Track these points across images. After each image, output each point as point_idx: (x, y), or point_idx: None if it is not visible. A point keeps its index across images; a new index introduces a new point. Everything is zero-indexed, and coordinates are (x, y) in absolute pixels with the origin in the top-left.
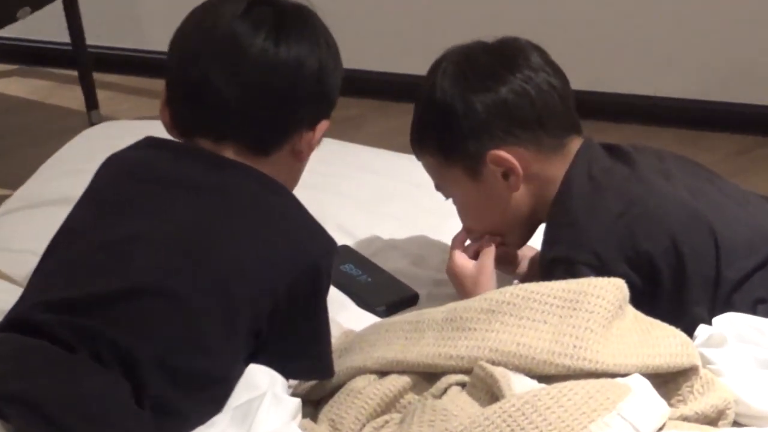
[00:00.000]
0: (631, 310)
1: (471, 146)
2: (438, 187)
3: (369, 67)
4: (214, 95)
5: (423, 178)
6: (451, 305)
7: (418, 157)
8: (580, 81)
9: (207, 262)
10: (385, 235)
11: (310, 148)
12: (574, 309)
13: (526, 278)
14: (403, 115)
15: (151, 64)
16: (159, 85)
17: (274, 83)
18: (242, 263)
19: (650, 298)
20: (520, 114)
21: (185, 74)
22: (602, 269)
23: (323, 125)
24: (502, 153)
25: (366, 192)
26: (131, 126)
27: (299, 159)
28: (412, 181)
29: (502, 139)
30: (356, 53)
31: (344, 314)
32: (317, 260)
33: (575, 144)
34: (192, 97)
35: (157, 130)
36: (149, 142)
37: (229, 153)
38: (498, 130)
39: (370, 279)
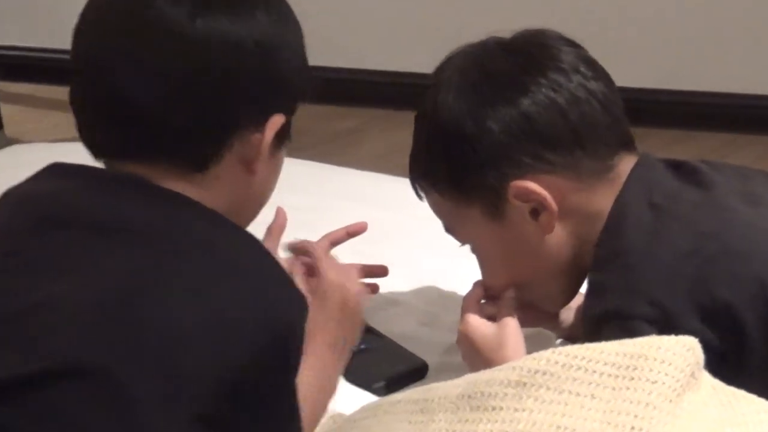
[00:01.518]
0: (707, 378)
1: (488, 177)
2: (449, 230)
3: (368, 65)
4: (120, 98)
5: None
6: (470, 377)
7: (421, 193)
8: (633, 77)
9: (142, 331)
10: (384, 287)
11: (264, 156)
12: (632, 379)
13: (572, 335)
14: (408, 126)
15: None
16: None
17: (190, 69)
18: (190, 330)
19: (733, 362)
20: (549, 131)
21: (84, 76)
22: (667, 325)
23: (276, 121)
24: (529, 184)
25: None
26: (46, 150)
27: (251, 171)
28: (420, 215)
29: (529, 166)
30: (351, 49)
31: None
32: (290, 321)
33: (627, 164)
34: (97, 105)
35: (82, 155)
36: (56, 171)
37: (155, 174)
38: (522, 154)
39: (363, 346)
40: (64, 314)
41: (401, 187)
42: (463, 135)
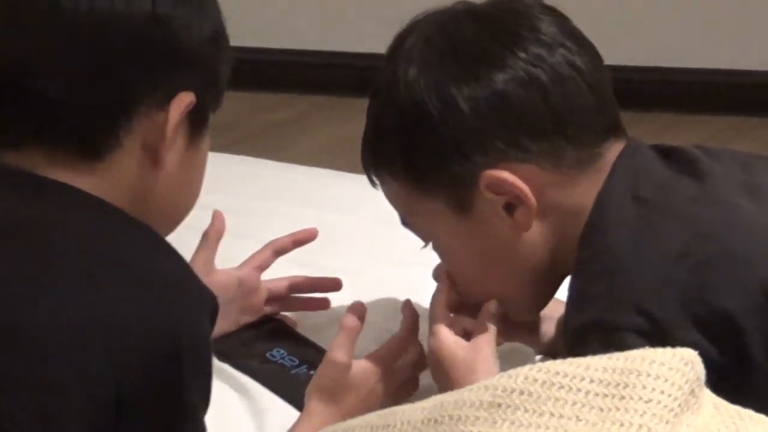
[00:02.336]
0: (708, 395)
1: (454, 165)
2: (407, 224)
3: (308, 45)
4: None
5: (392, 212)
6: (437, 399)
7: (376, 181)
8: (620, 54)
9: (17, 337)
10: (335, 300)
11: (170, 141)
12: (622, 398)
13: (553, 350)
14: (361, 115)
15: None
16: None
17: (67, 35)
18: (57, 341)
19: (735, 378)
20: (527, 114)
21: None
22: (658, 336)
23: (182, 99)
24: (504, 174)
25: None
26: None
27: (156, 161)
28: (372, 216)
29: (503, 153)
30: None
31: (272, 422)
32: (179, 326)
33: (615, 152)
34: None
35: None
36: None
37: (39, 164)
38: (495, 139)
39: (312, 371)
40: None
41: (348, 184)
42: (427, 115)
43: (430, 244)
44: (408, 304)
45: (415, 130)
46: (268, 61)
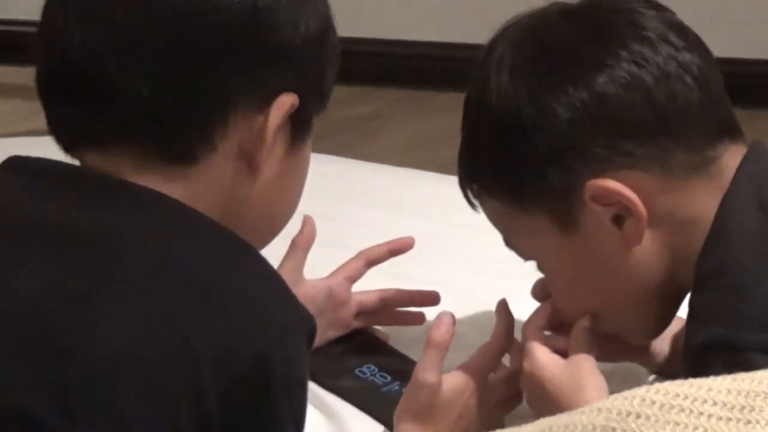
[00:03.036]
0: None
1: (554, 177)
2: (509, 243)
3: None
4: (82, 71)
5: (483, 218)
6: (544, 422)
7: (474, 200)
8: (736, 46)
9: (66, 364)
10: (429, 313)
11: (269, 145)
12: (748, 422)
13: (668, 370)
14: (445, 111)
15: (18, 42)
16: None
17: (162, 31)
18: (136, 360)
19: None
20: (630, 116)
21: (46, 51)
22: None
23: (284, 101)
24: (610, 183)
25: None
26: (13, 145)
27: (254, 167)
28: (464, 222)
29: (606, 161)
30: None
31: None
32: (265, 352)
33: (734, 157)
34: (60, 84)
35: (48, 148)
36: (10, 167)
37: (126, 168)
38: (596, 146)
39: (404, 389)
40: None
41: (434, 186)
42: (521, 125)
43: (534, 264)
44: (503, 304)
45: (509, 142)
46: (347, 52)
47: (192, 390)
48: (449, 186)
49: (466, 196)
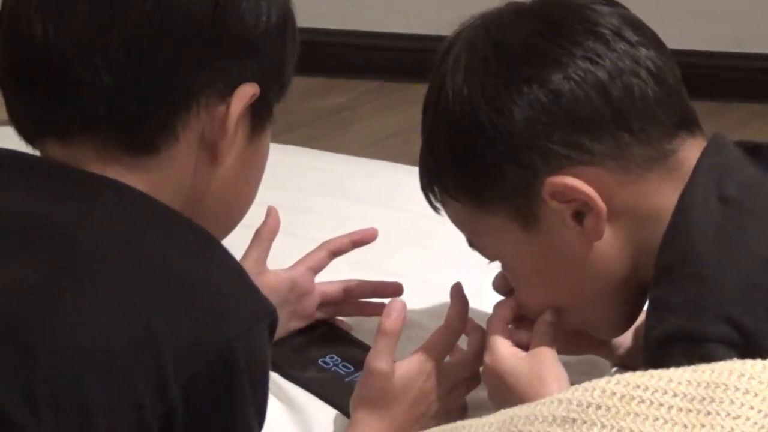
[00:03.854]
0: None
1: (513, 176)
2: (473, 245)
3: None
4: (44, 58)
5: None
6: (506, 413)
7: (437, 203)
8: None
9: (34, 359)
10: None
11: (231, 135)
12: (708, 413)
13: (629, 362)
14: (416, 103)
15: None
16: None
17: (123, 16)
18: (95, 353)
19: None
20: (586, 113)
21: (7, 40)
22: (747, 347)
23: (245, 91)
24: (568, 179)
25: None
26: None
27: (215, 157)
28: (430, 213)
29: (564, 158)
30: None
31: None
32: (229, 343)
33: (692, 150)
34: (21, 71)
35: (11, 140)
36: None
37: (89, 159)
38: (553, 143)
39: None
40: None
41: (403, 178)
42: (477, 125)
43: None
44: (457, 288)
45: (467, 142)
46: (317, 43)
47: (155, 382)
48: (417, 177)
49: (428, 199)
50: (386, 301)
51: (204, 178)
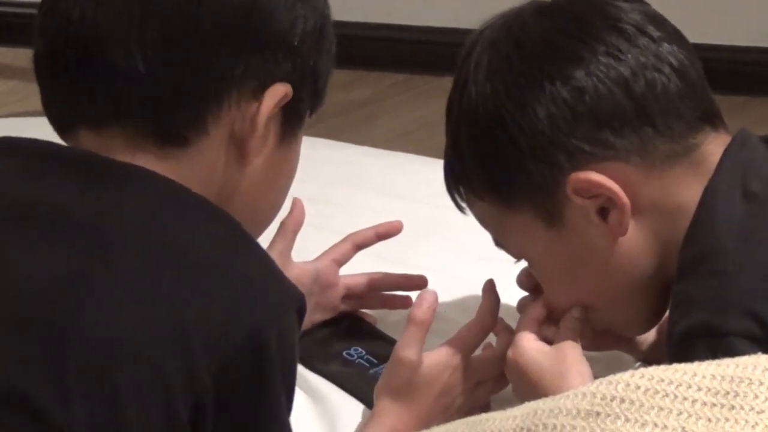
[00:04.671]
0: None
1: (537, 173)
2: (499, 244)
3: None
4: (78, 47)
5: None
6: (530, 406)
7: (461, 202)
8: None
9: (63, 346)
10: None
11: (260, 133)
12: (732, 408)
13: (653, 357)
14: (442, 96)
15: (12, 22)
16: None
17: (162, 13)
18: (124, 341)
19: None
20: (608, 108)
21: (45, 27)
22: None
23: (278, 90)
24: (592, 175)
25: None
26: (6, 126)
27: (244, 155)
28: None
29: (588, 154)
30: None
31: (346, 429)
32: (260, 329)
33: (716, 144)
34: (56, 60)
35: (42, 130)
36: (5, 146)
37: (118, 148)
38: (576, 139)
39: (385, 366)
40: None
41: (429, 171)
42: (500, 123)
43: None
44: (490, 284)
45: (491, 141)
46: (342, 36)
47: (185, 372)
48: (441, 170)
49: (453, 199)
50: (412, 294)
51: (232, 176)
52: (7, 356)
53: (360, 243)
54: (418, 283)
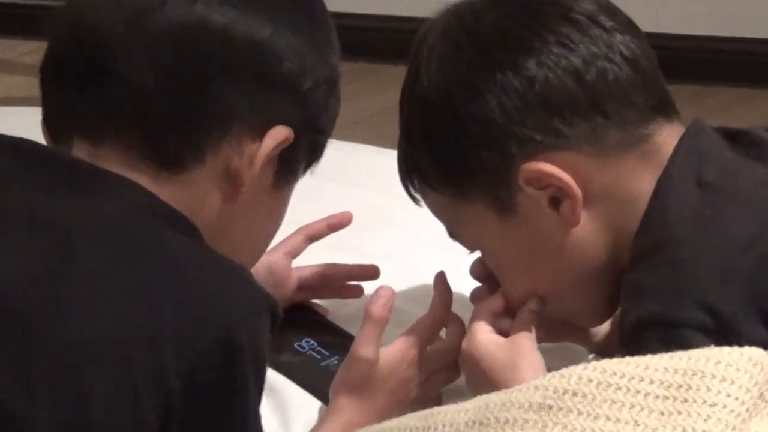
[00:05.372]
0: None
1: (489, 162)
2: (453, 235)
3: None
4: (88, 49)
5: None
6: (482, 400)
7: (415, 193)
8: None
9: (31, 349)
10: (369, 286)
11: (255, 171)
12: (685, 401)
13: (606, 349)
14: (398, 85)
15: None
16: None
17: (175, 35)
18: (99, 343)
19: None
20: (560, 98)
21: (58, 28)
22: (723, 334)
23: (279, 132)
24: (543, 165)
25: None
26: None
27: (234, 190)
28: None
29: (539, 143)
30: None
31: (298, 421)
32: (230, 331)
33: (669, 134)
34: (61, 59)
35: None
36: None
37: (111, 161)
38: (527, 129)
39: (336, 359)
40: None
41: (385, 160)
42: (452, 112)
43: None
44: (441, 277)
45: (442, 130)
46: None
47: (154, 371)
48: (394, 159)
49: (407, 190)
50: (363, 283)
51: (220, 211)
52: None
53: (312, 235)
54: (370, 272)
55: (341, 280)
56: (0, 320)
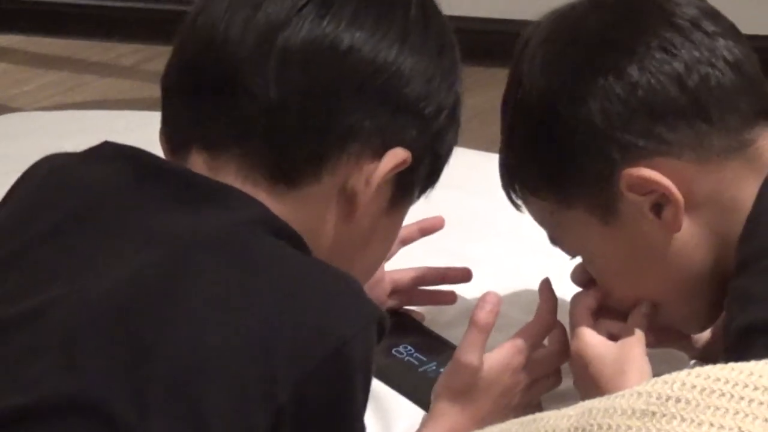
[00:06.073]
0: None
1: (591, 168)
2: (554, 240)
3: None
4: (217, 61)
5: None
6: (585, 405)
7: (517, 199)
8: None
9: (147, 358)
10: (471, 292)
11: (371, 191)
12: None
13: (708, 355)
14: (495, 86)
15: (63, 13)
16: (84, 50)
17: (304, 54)
18: (209, 354)
19: None
20: (663, 104)
21: (186, 40)
22: None
23: (397, 154)
24: (645, 171)
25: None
26: (43, 119)
27: (350, 210)
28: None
29: (642, 149)
30: None
31: (398, 428)
32: (345, 343)
33: None
34: (187, 70)
35: (89, 124)
36: (109, 152)
37: (228, 173)
38: (630, 134)
39: (441, 369)
40: (54, 333)
41: (482, 162)
42: (555, 117)
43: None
44: (547, 283)
45: (546, 136)
46: None
47: (268, 384)
48: (496, 162)
49: (509, 197)
50: (458, 288)
51: (334, 230)
52: (87, 365)
53: (404, 238)
54: (461, 275)
55: (435, 283)
56: (113, 332)
